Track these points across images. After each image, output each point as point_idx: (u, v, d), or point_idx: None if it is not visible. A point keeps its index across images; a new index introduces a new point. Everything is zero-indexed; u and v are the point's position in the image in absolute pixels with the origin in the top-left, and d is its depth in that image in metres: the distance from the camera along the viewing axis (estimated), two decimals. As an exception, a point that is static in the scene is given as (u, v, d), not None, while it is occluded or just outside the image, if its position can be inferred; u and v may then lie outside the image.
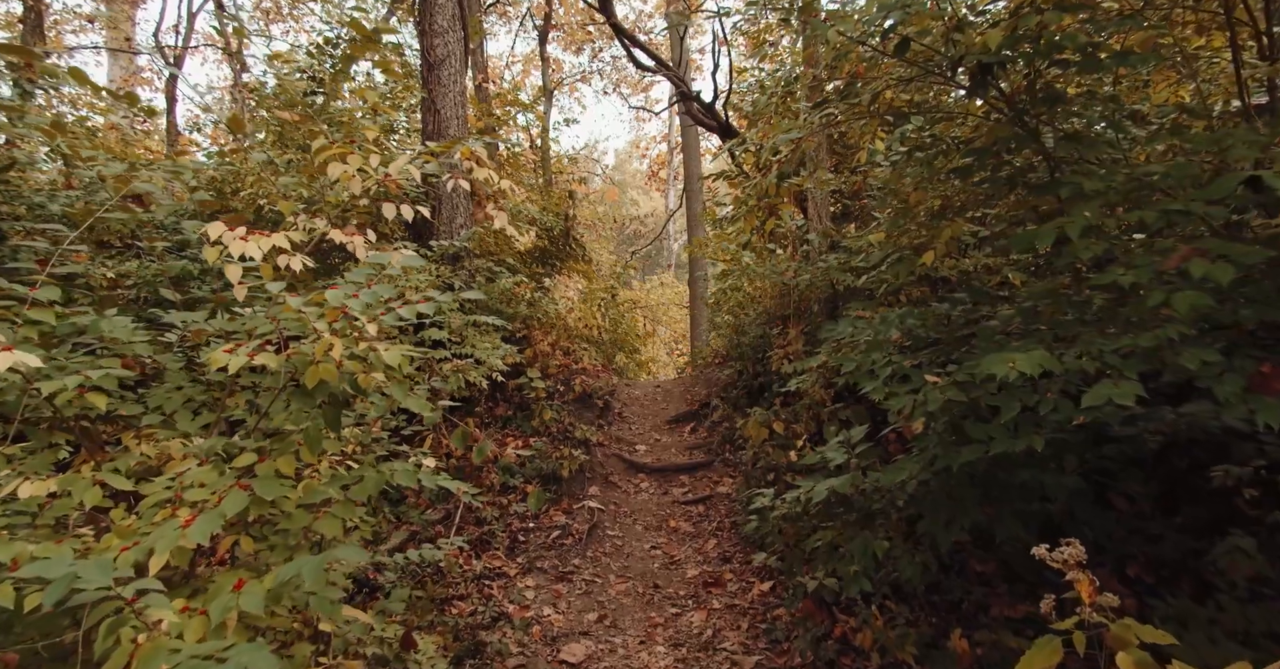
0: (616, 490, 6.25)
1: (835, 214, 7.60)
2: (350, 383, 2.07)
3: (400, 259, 2.36)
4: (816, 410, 5.44)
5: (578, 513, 5.65)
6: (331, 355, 1.89)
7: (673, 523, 5.71)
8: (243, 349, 1.90)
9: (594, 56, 17.60)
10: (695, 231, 13.85)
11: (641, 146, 28.92)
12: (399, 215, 2.76)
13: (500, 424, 6.43)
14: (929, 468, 2.87)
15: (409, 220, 7.37)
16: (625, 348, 11.46)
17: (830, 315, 6.38)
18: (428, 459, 2.82)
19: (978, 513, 2.95)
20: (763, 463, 5.36)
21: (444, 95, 7.25)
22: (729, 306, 8.47)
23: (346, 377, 2.06)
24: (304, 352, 1.98)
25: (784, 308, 7.32)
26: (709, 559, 5.12)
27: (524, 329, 7.06)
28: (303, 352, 1.97)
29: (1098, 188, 2.40)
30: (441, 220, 7.17)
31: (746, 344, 7.39)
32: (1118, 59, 2.28)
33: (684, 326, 18.58)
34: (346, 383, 2.05)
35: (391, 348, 1.94)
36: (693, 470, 6.53)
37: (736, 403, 6.98)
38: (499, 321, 6.50)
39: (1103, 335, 2.44)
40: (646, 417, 7.84)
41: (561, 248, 8.41)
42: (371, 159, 2.81)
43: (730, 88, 9.64)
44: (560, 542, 5.25)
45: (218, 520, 1.71)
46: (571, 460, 5.82)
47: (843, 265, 5.38)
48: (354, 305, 1.90)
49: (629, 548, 5.34)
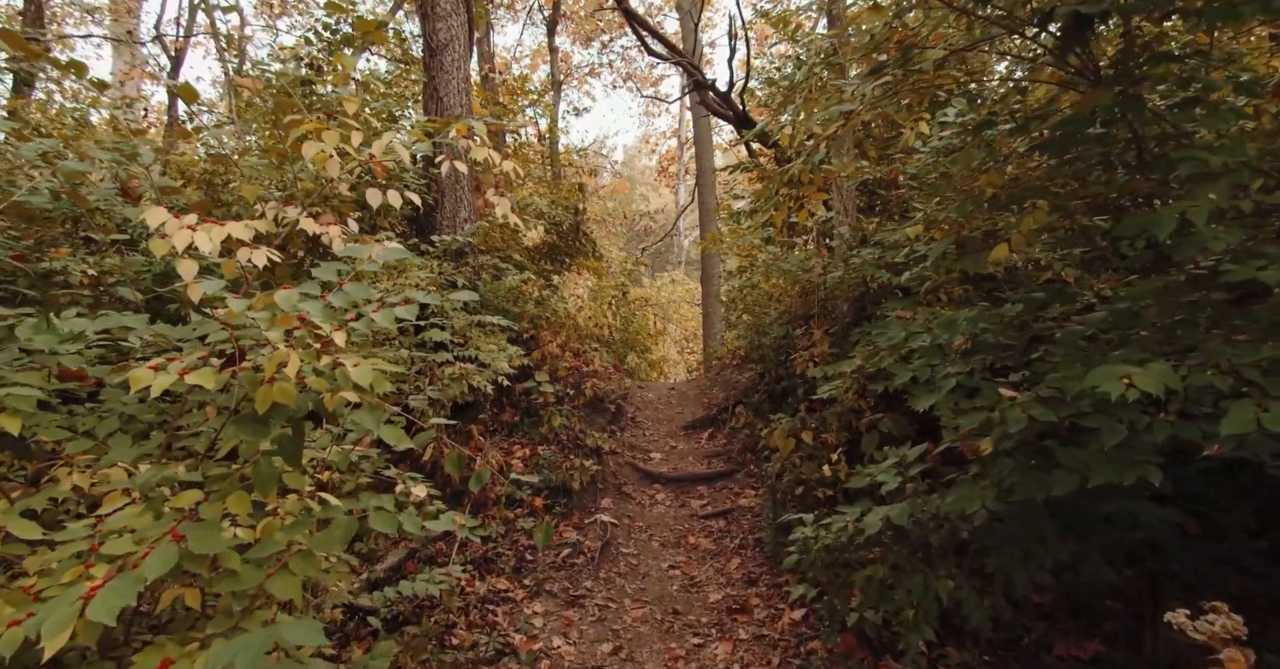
0: (631, 502, 5.85)
1: (860, 207, 7.16)
2: (316, 403, 1.68)
3: (382, 252, 1.96)
4: (848, 418, 5.01)
5: (590, 528, 5.25)
6: (286, 373, 1.49)
7: (692, 539, 5.30)
8: (174, 365, 1.50)
9: (604, 48, 17.18)
10: (708, 227, 13.40)
11: (651, 142, 28.49)
12: (400, 208, 2.37)
13: (506, 431, 6.04)
14: (1003, 497, 2.45)
15: (408, 213, 7.02)
16: (636, 347, 11.06)
17: (858, 315, 5.95)
18: (417, 487, 2.43)
19: (1060, 549, 2.53)
20: (790, 476, 4.94)
21: (447, 82, 6.85)
22: (745, 305, 8.03)
23: (311, 397, 1.67)
24: (257, 367, 1.59)
25: (807, 307, 6.89)
26: (733, 581, 4.70)
27: (531, 329, 6.67)
28: (255, 368, 1.58)
29: (1224, 163, 1.97)
30: (444, 214, 6.79)
31: (767, 345, 6.96)
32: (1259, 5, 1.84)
33: (694, 325, 18.15)
34: (311, 404, 1.66)
35: (364, 362, 1.54)
36: (712, 481, 6.11)
37: (758, 408, 6.56)
38: (505, 322, 6.11)
39: (1230, 344, 2.01)
40: (661, 421, 7.43)
41: (571, 243, 8.00)
42: (354, 138, 2.42)
43: (748, 75, 9.19)
44: (571, 561, 4.86)
45: (132, 588, 1.32)
46: (583, 472, 5.42)
47: (877, 261, 4.94)
48: (312, 310, 1.51)
49: (645, 567, 4.94)
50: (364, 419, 1.57)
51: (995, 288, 4.68)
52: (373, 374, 1.50)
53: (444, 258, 6.41)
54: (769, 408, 6.53)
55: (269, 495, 1.54)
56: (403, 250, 1.97)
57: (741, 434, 6.52)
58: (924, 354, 2.79)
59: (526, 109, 11.59)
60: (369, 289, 1.77)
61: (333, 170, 2.35)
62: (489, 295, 6.49)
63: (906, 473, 2.84)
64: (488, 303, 6.49)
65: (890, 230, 5.12)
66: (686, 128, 24.25)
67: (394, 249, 1.99)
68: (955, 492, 2.63)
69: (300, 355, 1.57)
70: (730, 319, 9.44)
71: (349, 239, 2.23)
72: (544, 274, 8.05)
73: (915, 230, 4.83)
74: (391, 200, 2.48)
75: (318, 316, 1.51)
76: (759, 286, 7.86)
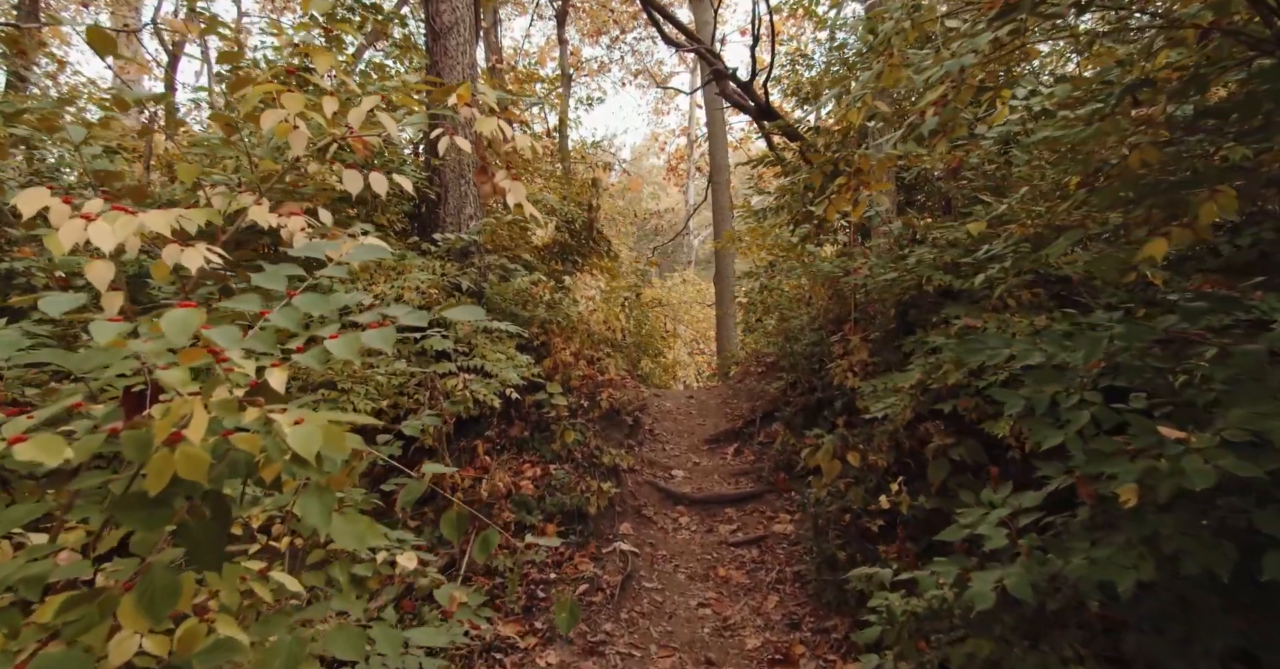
0: (652, 527, 5.30)
1: (900, 203, 6.61)
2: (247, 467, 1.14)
3: (355, 251, 1.42)
4: (900, 438, 4.45)
5: (608, 559, 4.71)
6: (189, 435, 0.95)
7: (722, 571, 4.75)
8: (11, 425, 0.97)
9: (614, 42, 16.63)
10: (722, 226, 12.85)
11: (660, 140, 27.94)
12: (386, 197, 1.85)
13: (515, 448, 5.50)
14: (1164, 567, 1.89)
15: (408, 209, 6.49)
16: (650, 351, 10.51)
17: (902, 321, 5.39)
18: (405, 554, 1.89)
19: (1230, 630, 1.97)
20: (836, 503, 4.39)
21: (451, 67, 6.32)
22: (766, 307, 7.47)
23: (241, 463, 1.13)
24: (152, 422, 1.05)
25: (841, 310, 6.33)
26: (772, 624, 4.15)
27: (542, 334, 6.13)
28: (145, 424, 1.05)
29: None
30: (447, 210, 6.26)
31: (799, 353, 6.41)
32: None
33: (705, 326, 17.61)
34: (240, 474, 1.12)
35: (312, 416, 1.00)
36: (741, 502, 5.56)
37: (790, 422, 6.00)
38: (513, 328, 5.57)
39: None
40: (682, 434, 6.88)
41: (584, 242, 7.46)
42: (326, 105, 1.88)
43: (771, 64, 8.63)
44: (588, 599, 4.32)
45: None
46: (599, 495, 4.88)
47: (935, 261, 4.38)
48: (225, 338, 0.97)
49: (671, 605, 4.39)
50: (307, 509, 1.04)
51: (1075, 292, 4.12)
52: (321, 436, 0.96)
53: (447, 257, 5.88)
54: (802, 422, 5.97)
55: (162, 618, 1.01)
56: (381, 247, 1.43)
57: (771, 450, 5.96)
58: (1037, 377, 2.23)
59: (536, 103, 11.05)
60: (331, 300, 1.24)
61: (298, 145, 1.81)
62: (496, 298, 5.96)
63: (1016, 524, 2.28)
64: (495, 306, 5.96)
65: (949, 227, 4.55)
66: (696, 126, 23.70)
67: (371, 246, 1.45)
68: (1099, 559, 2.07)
69: (216, 406, 1.03)
70: (749, 322, 8.89)
71: (317, 234, 1.69)
72: (555, 275, 7.52)
73: (978, 227, 4.27)
74: (375, 185, 1.94)
75: (236, 350, 0.97)
76: (781, 288, 7.30)
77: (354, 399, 4.70)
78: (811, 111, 8.54)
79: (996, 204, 4.10)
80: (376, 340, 1.12)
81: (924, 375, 3.99)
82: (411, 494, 1.80)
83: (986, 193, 4.64)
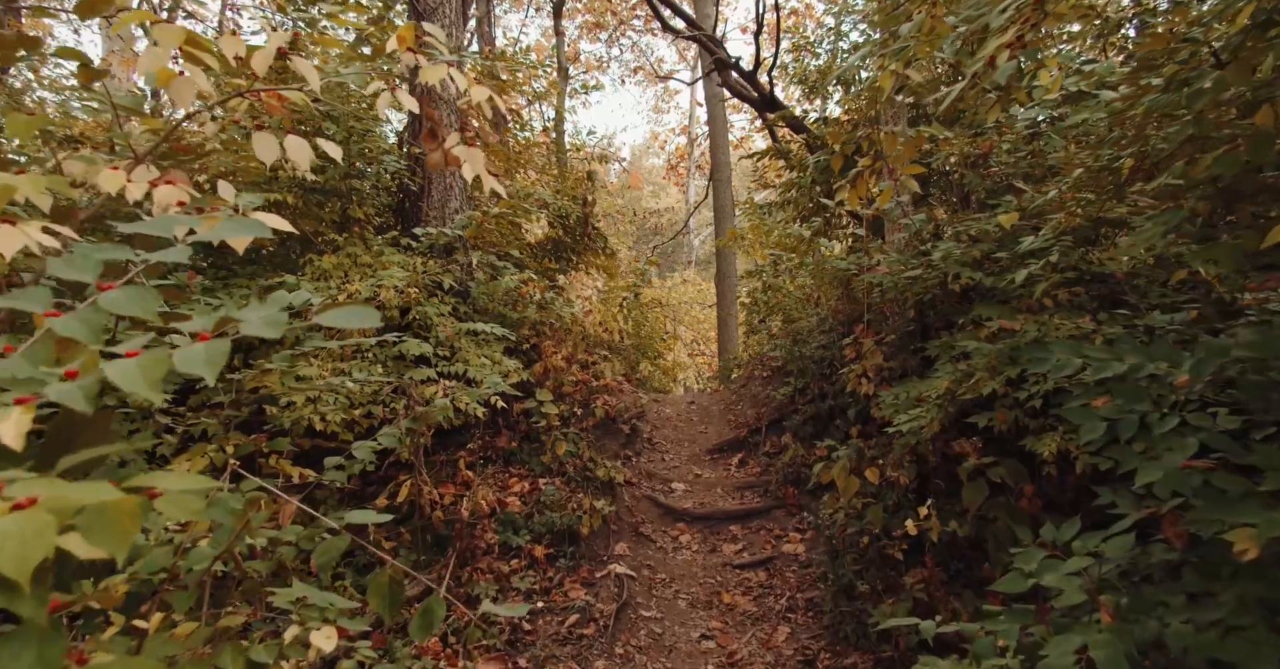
0: (650, 546, 4.88)
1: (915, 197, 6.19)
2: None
3: (221, 227, 1.00)
4: (923, 451, 4.03)
5: (602, 584, 4.29)
6: None
7: (727, 597, 4.32)
8: None
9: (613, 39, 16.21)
10: (724, 224, 12.45)
11: (660, 139, 27.55)
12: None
13: (502, 460, 5.08)
14: None
15: (389, 201, 6.05)
16: (649, 353, 10.08)
17: (921, 323, 4.96)
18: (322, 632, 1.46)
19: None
20: (853, 525, 3.96)
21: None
22: (769, 307, 7.04)
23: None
24: None
25: (852, 311, 5.91)
26: (783, 659, 3.73)
27: (533, 337, 5.71)
28: None
29: None
30: (431, 204, 5.84)
31: (807, 356, 5.98)
32: None
33: (706, 327, 17.22)
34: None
35: (52, 496, 0.57)
36: (746, 519, 5.14)
37: (799, 431, 5.58)
38: (501, 330, 5.15)
39: None
40: (682, 443, 6.45)
41: (579, 239, 7.04)
42: (226, 47, 1.46)
43: (776, 51, 8.22)
44: (579, 631, 3.89)
45: None
46: (593, 514, 4.46)
47: (963, 256, 3.96)
48: None
49: (671, 637, 3.97)
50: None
51: (1120, 290, 3.69)
52: (19, 551, 0.53)
53: (429, 254, 5.46)
54: (812, 431, 5.55)
55: None
56: (259, 225, 1.00)
57: (779, 461, 5.54)
58: (1122, 394, 1.81)
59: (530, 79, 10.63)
60: (153, 299, 0.81)
61: (182, 96, 1.38)
62: (483, 298, 5.54)
63: (1096, 574, 1.86)
64: (482, 306, 5.54)
65: (975, 219, 4.13)
66: (696, 124, 23.29)
67: (247, 223, 1.02)
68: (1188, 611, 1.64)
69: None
70: (752, 323, 8.47)
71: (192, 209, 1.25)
72: (548, 273, 7.10)
73: (1010, 218, 3.85)
74: (293, 153, 1.52)
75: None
76: (786, 287, 6.87)
77: (322, 408, 4.29)
78: (818, 100, 8.13)
79: (1035, 193, 3.68)
80: (195, 361, 0.69)
81: (953, 384, 3.56)
82: (328, 555, 1.38)
83: (1019, 181, 4.22)
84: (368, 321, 0.84)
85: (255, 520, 1.34)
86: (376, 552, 1.44)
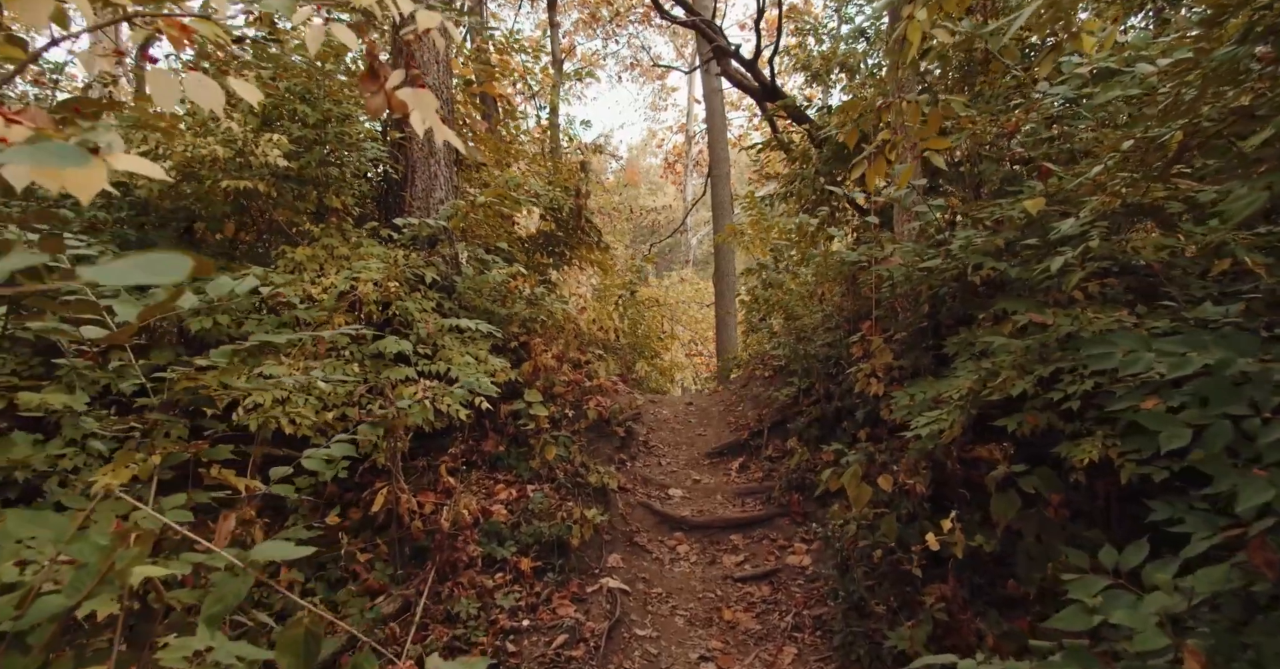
0: (645, 557, 4.56)
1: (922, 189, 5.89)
2: None
3: (9, 153, 0.68)
4: (939, 457, 3.73)
5: (593, 600, 3.97)
6: None
7: (728, 613, 4.01)
8: None
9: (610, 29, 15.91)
10: (722, 221, 12.15)
11: (657, 137, 27.27)
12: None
13: (488, 465, 4.76)
14: None
15: (369, 190, 5.73)
16: (646, 353, 9.76)
17: (932, 318, 4.66)
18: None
19: None
20: (866, 538, 3.65)
21: (420, 46, 5.59)
22: (771, 305, 6.73)
23: None
24: None
25: (857, 307, 5.61)
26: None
27: (522, 334, 5.39)
28: None
29: None
30: (415, 193, 5.52)
31: (811, 355, 5.68)
32: None
33: (704, 326, 16.94)
34: None
35: None
36: (748, 528, 4.82)
37: (804, 434, 5.27)
38: (488, 327, 4.83)
39: None
40: (680, 446, 6.14)
41: (571, 232, 6.72)
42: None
43: (779, 38, 7.92)
44: (567, 653, 3.57)
45: None
46: (584, 525, 4.14)
47: (985, 245, 3.65)
48: None
49: (667, 659, 3.65)
50: None
51: (1157, 281, 3.39)
52: None
53: (412, 246, 5.14)
54: (818, 434, 5.24)
55: None
56: (73, 152, 0.69)
57: (782, 466, 5.23)
58: (1212, 393, 1.50)
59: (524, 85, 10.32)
60: None
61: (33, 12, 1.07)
62: (469, 293, 5.22)
63: (1181, 610, 1.55)
64: (467, 302, 5.22)
65: (997, 205, 3.83)
66: (694, 122, 23.00)
67: (54, 148, 0.71)
68: None
69: None
70: (752, 321, 8.16)
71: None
72: (539, 267, 6.78)
73: (1036, 204, 3.55)
74: (195, 93, 1.20)
75: None
76: (787, 283, 6.56)
77: (291, 410, 3.97)
78: (820, 89, 7.83)
79: (1068, 175, 3.38)
80: None
81: (976, 384, 3.26)
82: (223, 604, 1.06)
83: (1045, 162, 3.91)
84: (167, 275, 0.53)
85: (123, 559, 1.02)
86: (292, 596, 1.12)
